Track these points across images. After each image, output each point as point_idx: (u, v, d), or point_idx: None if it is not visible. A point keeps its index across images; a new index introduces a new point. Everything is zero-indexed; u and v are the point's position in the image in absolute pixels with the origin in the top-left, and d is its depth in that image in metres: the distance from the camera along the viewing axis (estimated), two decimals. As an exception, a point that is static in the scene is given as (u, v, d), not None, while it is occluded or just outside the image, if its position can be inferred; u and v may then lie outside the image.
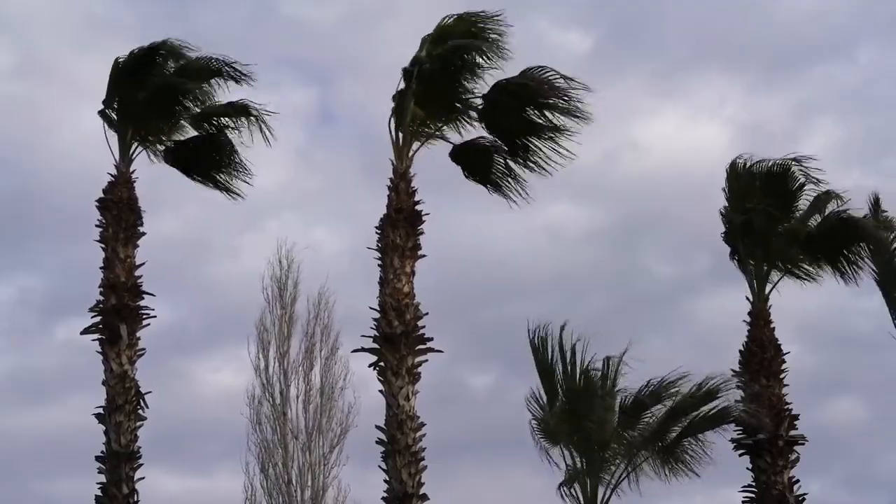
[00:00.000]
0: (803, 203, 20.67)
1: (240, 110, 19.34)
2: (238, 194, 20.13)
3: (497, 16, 18.31)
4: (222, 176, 20.02)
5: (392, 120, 18.54)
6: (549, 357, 18.09)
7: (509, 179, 19.36)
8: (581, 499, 17.61)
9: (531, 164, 19.11)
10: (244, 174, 19.96)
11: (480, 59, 18.49)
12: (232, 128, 19.62)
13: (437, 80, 18.35)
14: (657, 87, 45.43)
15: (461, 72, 18.57)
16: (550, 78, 18.25)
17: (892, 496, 28.42)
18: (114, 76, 19.04)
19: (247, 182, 20.00)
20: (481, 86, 18.69)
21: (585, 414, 17.48)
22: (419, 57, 18.35)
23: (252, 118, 19.25)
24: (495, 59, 18.42)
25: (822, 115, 45.00)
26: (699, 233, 36.08)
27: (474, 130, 19.18)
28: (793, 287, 20.90)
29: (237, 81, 19.12)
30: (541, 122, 18.73)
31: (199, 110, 19.54)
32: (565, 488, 17.66)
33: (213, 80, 19.27)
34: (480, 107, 18.81)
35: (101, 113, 19.14)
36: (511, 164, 19.27)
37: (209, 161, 19.96)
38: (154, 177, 19.84)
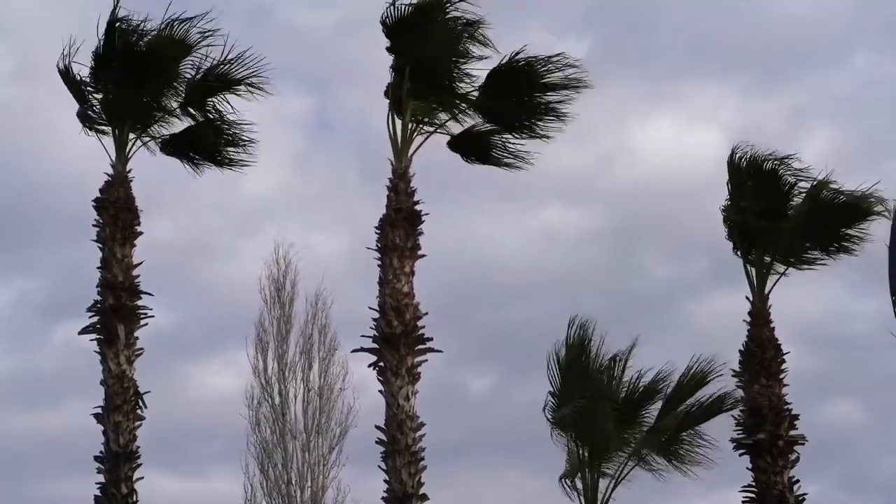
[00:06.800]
0: (800, 197, 20.60)
1: (225, 81, 18.99)
2: (245, 164, 19.76)
3: None
4: (223, 151, 19.65)
5: (389, 119, 18.51)
6: (582, 354, 18.14)
7: (509, 154, 19.47)
8: (583, 493, 17.65)
9: (531, 136, 19.24)
10: (246, 146, 19.63)
11: (471, 47, 18.64)
12: (224, 103, 19.31)
13: (430, 73, 18.40)
14: (652, 92, 45.55)
15: (454, 60, 18.66)
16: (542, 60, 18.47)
17: (889, 499, 28.40)
18: (73, 79, 18.79)
19: (250, 151, 19.65)
20: (476, 71, 18.91)
21: (595, 409, 17.55)
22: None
23: (241, 85, 18.99)
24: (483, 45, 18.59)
25: (819, 120, 45.10)
26: (696, 235, 36.26)
27: (471, 119, 19.24)
28: (794, 284, 20.87)
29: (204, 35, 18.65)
30: (539, 99, 18.92)
31: (184, 96, 19.21)
32: (566, 481, 17.68)
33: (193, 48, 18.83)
34: (476, 94, 18.89)
35: (81, 115, 18.97)
36: (510, 138, 19.38)
37: (207, 140, 19.60)
38: (153, 179, 19.81)
